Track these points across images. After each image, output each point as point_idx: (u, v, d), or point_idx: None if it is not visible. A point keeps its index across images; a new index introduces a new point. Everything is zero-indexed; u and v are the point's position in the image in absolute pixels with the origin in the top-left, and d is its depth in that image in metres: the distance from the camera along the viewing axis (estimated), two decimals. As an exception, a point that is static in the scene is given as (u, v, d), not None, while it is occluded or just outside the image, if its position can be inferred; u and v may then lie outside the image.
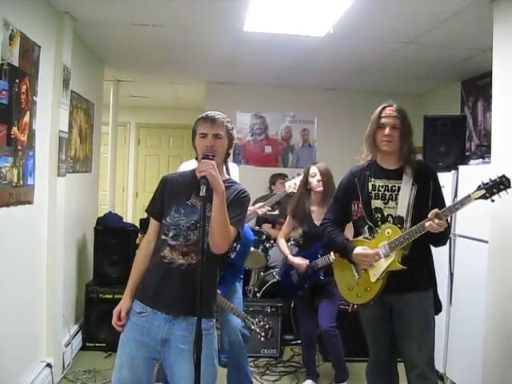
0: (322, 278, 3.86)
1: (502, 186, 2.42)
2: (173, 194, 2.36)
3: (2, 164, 2.92)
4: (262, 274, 5.26)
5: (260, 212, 4.08)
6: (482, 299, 3.34)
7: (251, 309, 4.58)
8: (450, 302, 3.97)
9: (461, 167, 4.00)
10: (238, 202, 2.30)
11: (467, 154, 5.02)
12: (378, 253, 2.69)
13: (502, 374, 3.15)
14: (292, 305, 4.48)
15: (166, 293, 2.26)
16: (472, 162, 4.15)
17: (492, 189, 2.42)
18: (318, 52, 4.80)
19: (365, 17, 3.74)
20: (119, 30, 4.36)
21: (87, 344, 4.68)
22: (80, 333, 4.73)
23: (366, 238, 2.79)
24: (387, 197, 2.73)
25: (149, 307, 2.28)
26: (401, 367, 2.90)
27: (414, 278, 2.68)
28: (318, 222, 3.91)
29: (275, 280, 5.08)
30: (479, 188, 2.45)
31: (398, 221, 2.69)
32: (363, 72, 5.58)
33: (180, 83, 6.95)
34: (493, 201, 2.44)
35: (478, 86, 5.33)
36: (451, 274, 3.97)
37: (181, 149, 9.28)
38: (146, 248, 2.40)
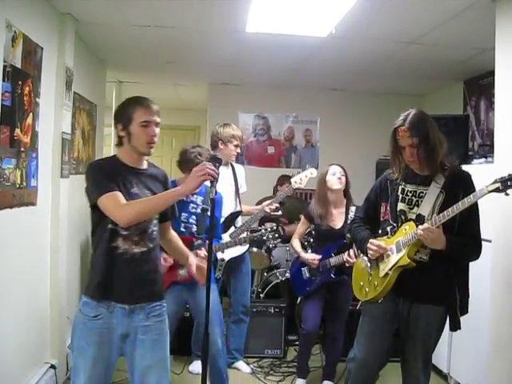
0: (332, 275, 3.85)
1: None
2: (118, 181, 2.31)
3: (5, 166, 2.92)
4: (265, 274, 5.26)
5: (268, 209, 4.08)
6: (486, 298, 3.33)
7: (254, 309, 4.58)
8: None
9: (464, 167, 3.96)
10: None
11: (470, 153, 5.03)
12: (389, 248, 2.69)
13: (506, 373, 3.14)
14: (298, 301, 4.41)
15: (121, 284, 2.27)
16: (475, 161, 4.14)
17: (507, 182, 2.35)
18: (321, 52, 4.80)
19: (367, 17, 3.74)
20: (121, 31, 4.37)
21: (91, 345, 4.66)
22: (84, 334, 4.71)
23: (388, 238, 2.79)
24: (413, 202, 2.72)
25: (103, 307, 2.26)
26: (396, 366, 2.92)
27: (429, 290, 2.65)
28: (333, 224, 3.90)
29: (279, 280, 5.08)
30: (495, 181, 2.38)
31: (419, 219, 2.66)
32: (365, 72, 5.58)
33: (182, 84, 6.96)
34: (507, 194, 2.35)
35: (481, 86, 5.32)
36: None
37: (183, 150, 9.27)
38: None
